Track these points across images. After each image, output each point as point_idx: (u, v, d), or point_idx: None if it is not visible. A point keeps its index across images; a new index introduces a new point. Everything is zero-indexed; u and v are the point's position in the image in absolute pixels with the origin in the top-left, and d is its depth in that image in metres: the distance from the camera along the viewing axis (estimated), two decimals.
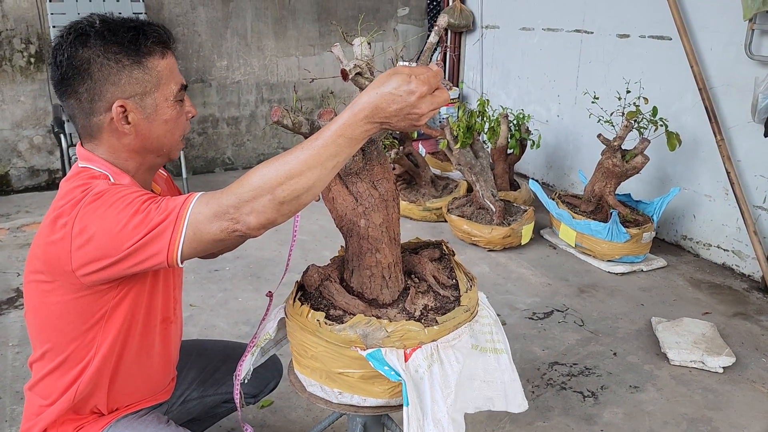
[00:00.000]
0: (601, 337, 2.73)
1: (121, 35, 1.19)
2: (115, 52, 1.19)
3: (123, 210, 1.10)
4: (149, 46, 1.21)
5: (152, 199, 1.13)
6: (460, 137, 3.61)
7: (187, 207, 1.09)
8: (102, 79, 1.19)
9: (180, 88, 1.28)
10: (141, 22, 1.23)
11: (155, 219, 1.09)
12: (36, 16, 4.22)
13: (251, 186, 1.06)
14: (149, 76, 1.22)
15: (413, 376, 1.27)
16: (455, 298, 1.47)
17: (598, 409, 2.26)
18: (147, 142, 1.26)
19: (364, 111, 1.05)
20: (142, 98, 1.22)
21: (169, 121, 1.27)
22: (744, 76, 3.18)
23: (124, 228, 1.09)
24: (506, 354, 1.44)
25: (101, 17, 1.22)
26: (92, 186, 1.18)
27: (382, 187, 1.37)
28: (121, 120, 1.22)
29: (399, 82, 1.05)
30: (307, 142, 1.07)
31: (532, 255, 3.59)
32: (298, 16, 5.08)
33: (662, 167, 3.75)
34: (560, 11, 4.43)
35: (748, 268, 3.35)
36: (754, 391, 2.37)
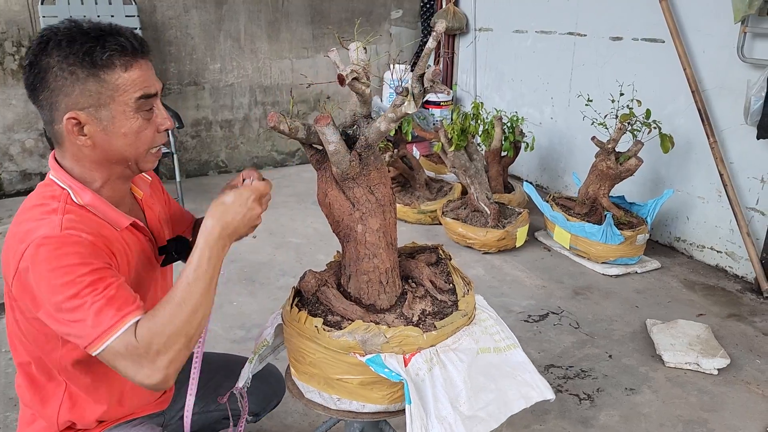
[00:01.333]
0: (597, 339, 2.74)
1: (78, 46, 1.15)
2: (70, 63, 1.15)
3: (63, 285, 1.10)
4: (106, 59, 1.16)
5: (93, 285, 1.11)
6: (454, 140, 3.61)
7: (117, 330, 1.11)
8: (57, 89, 1.17)
9: (142, 96, 1.21)
10: (106, 31, 1.18)
11: (85, 316, 1.10)
12: (27, 19, 4.20)
13: (166, 337, 1.12)
14: (104, 88, 1.17)
15: (414, 378, 1.28)
16: (453, 303, 1.47)
17: (595, 412, 2.26)
18: (108, 154, 1.23)
19: (216, 231, 1.22)
20: (96, 110, 1.18)
21: (128, 134, 1.22)
22: (736, 78, 3.20)
23: (57, 308, 1.11)
24: (518, 347, 1.44)
25: (69, 24, 1.18)
26: (44, 218, 1.16)
27: (379, 192, 1.37)
28: (74, 132, 1.19)
29: (233, 196, 1.27)
30: (190, 278, 1.17)
31: (526, 257, 3.59)
32: (291, 18, 5.08)
33: (656, 169, 3.77)
34: (553, 14, 4.44)
35: (741, 269, 3.36)
36: (749, 393, 2.38)
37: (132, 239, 1.32)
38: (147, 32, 4.49)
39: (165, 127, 1.28)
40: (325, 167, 1.36)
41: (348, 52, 1.28)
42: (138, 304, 1.16)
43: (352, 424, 1.51)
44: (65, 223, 1.16)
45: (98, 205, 1.25)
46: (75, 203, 1.22)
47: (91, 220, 1.22)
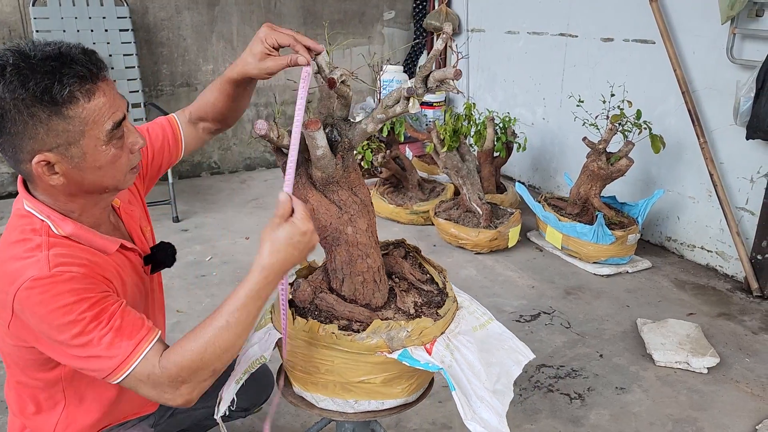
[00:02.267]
0: (588, 339, 2.75)
1: (32, 85, 1.05)
2: (27, 105, 1.05)
3: (65, 326, 1.08)
4: (67, 95, 1.07)
5: (96, 319, 1.09)
6: (446, 140, 3.63)
7: (135, 359, 1.10)
8: (17, 133, 1.08)
9: (113, 126, 1.14)
10: (58, 61, 1.07)
11: (99, 351, 1.09)
12: (18, 21, 4.19)
13: (191, 372, 1.11)
14: (71, 125, 1.09)
15: (443, 365, 1.31)
16: (438, 291, 1.51)
17: (585, 411, 2.27)
18: (83, 187, 1.17)
19: (274, 271, 1.13)
20: (66, 148, 1.10)
21: (103, 167, 1.15)
22: (726, 79, 3.22)
23: (66, 347, 1.10)
24: (494, 320, 1.49)
25: (14, 57, 1.06)
26: (29, 255, 1.12)
27: (361, 193, 1.38)
28: (46, 172, 1.12)
29: (289, 231, 1.13)
30: (229, 312, 1.12)
31: (518, 257, 3.61)
32: (284, 20, 5.08)
33: (646, 170, 3.79)
34: (545, 15, 4.46)
35: (731, 268, 3.39)
36: (738, 391, 2.40)
37: (122, 260, 1.29)
38: (139, 33, 4.49)
39: (138, 146, 1.22)
40: (299, 173, 1.32)
41: (327, 53, 1.28)
42: (148, 326, 1.14)
43: (343, 424, 1.52)
44: (53, 260, 1.11)
45: (82, 234, 1.20)
46: (57, 235, 1.17)
47: (78, 250, 1.18)
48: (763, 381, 2.46)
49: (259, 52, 1.25)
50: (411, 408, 1.45)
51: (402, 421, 2.18)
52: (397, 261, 1.58)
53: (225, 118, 1.53)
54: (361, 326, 1.36)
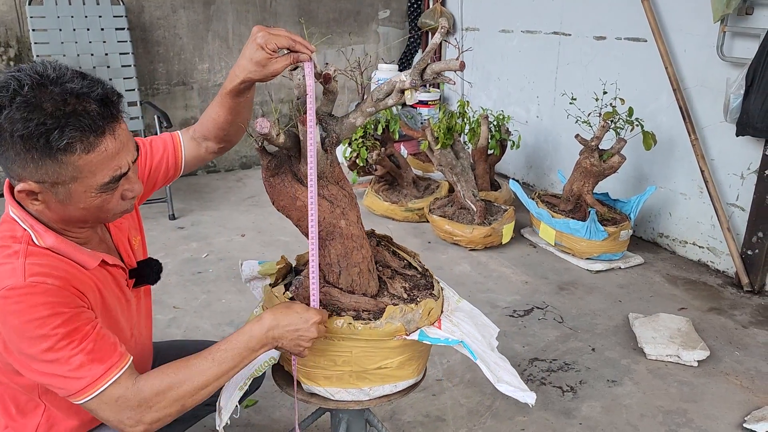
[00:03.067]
0: (580, 333, 2.79)
1: (33, 126, 1.02)
2: (24, 140, 1.03)
3: (36, 339, 1.07)
4: (65, 145, 1.04)
5: (68, 337, 1.08)
6: (440, 138, 3.66)
7: (104, 383, 1.11)
8: (9, 158, 1.07)
9: (110, 181, 1.12)
10: (71, 107, 1.04)
11: (67, 371, 1.09)
12: (15, 20, 4.20)
13: (166, 400, 1.15)
14: (64, 170, 1.07)
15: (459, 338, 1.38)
16: (421, 274, 1.58)
17: (577, 403, 2.31)
18: (63, 218, 1.16)
19: (270, 327, 1.23)
20: (53, 186, 1.09)
21: (88, 209, 1.14)
22: (716, 77, 3.26)
23: (33, 360, 1.09)
24: (463, 299, 1.58)
25: (32, 85, 1.04)
26: (5, 262, 1.10)
27: (347, 187, 1.42)
28: (27, 198, 1.11)
29: (301, 308, 1.27)
30: (218, 353, 1.20)
31: (512, 254, 3.64)
32: (279, 18, 5.10)
33: (639, 166, 3.83)
34: (538, 14, 4.49)
35: (722, 264, 3.43)
36: (728, 384, 2.44)
37: (102, 274, 1.27)
38: (135, 32, 4.50)
39: (131, 195, 1.20)
40: (284, 171, 1.33)
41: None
42: (120, 351, 1.15)
43: (338, 414, 1.55)
44: (29, 269, 1.09)
45: (63, 248, 1.17)
46: (37, 245, 1.14)
47: (56, 261, 1.15)
48: (752, 373, 2.50)
49: (262, 58, 1.26)
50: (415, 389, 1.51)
51: (396, 413, 2.21)
52: (379, 250, 1.61)
53: (227, 134, 1.53)
54: (369, 315, 1.39)
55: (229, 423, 1.41)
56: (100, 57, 4.16)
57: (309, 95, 1.23)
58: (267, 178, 1.34)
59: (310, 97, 1.23)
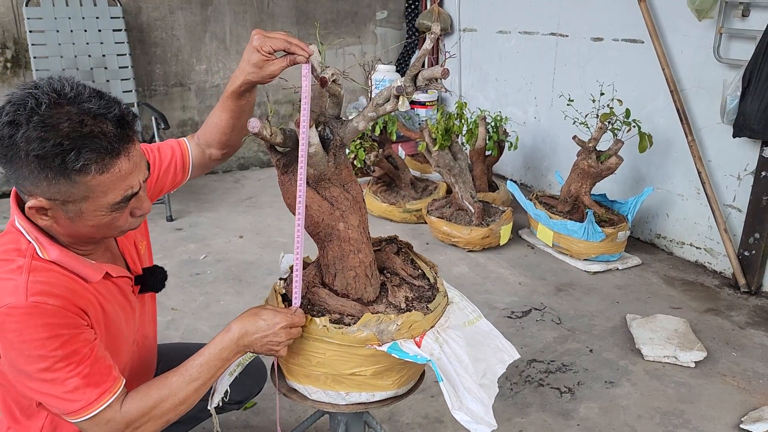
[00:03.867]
0: (578, 334, 2.79)
1: (49, 147, 1.03)
2: (39, 159, 1.04)
3: (34, 359, 1.09)
4: (80, 167, 1.06)
5: (66, 359, 1.11)
6: (438, 139, 3.66)
7: (98, 407, 1.15)
8: (22, 175, 1.08)
9: (121, 200, 1.13)
10: (87, 128, 1.05)
11: (62, 392, 1.12)
12: (12, 21, 4.19)
13: (150, 419, 1.21)
14: (76, 190, 1.08)
15: (432, 357, 1.35)
16: (429, 286, 1.54)
17: (575, 405, 2.31)
18: (72, 234, 1.18)
19: (239, 336, 1.28)
20: (64, 203, 1.10)
21: (96, 226, 1.16)
22: (713, 78, 3.27)
23: (30, 379, 1.12)
24: (483, 317, 1.53)
25: (48, 103, 1.05)
26: (8, 278, 1.10)
27: (353, 190, 1.41)
28: (37, 214, 1.12)
29: (268, 314, 1.30)
30: (190, 368, 1.25)
31: (510, 255, 3.65)
32: (277, 19, 5.10)
33: (636, 167, 3.84)
34: (536, 15, 4.50)
35: (719, 265, 3.44)
36: (725, 384, 2.45)
37: (104, 286, 1.27)
38: (132, 33, 4.50)
39: (140, 213, 1.22)
40: (292, 170, 1.34)
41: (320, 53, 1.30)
42: (114, 375, 1.18)
43: (336, 416, 1.55)
44: (31, 288, 1.09)
45: (66, 260, 1.18)
46: (41, 259, 1.15)
47: (58, 277, 1.15)
48: (749, 374, 2.51)
49: (258, 60, 1.29)
50: (401, 401, 1.48)
51: (395, 415, 2.22)
52: (390, 257, 1.61)
53: (229, 139, 1.56)
54: (352, 320, 1.39)
55: (220, 404, 1.46)
56: (97, 58, 4.16)
57: (304, 97, 1.25)
58: (278, 175, 1.37)
59: (304, 99, 1.24)
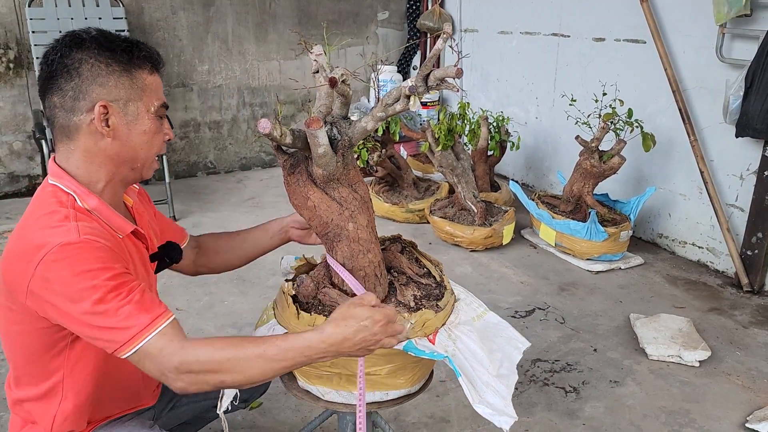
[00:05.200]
0: (582, 333, 2.80)
1: (116, 44, 1.26)
2: (107, 56, 1.23)
3: (87, 290, 1.11)
4: (140, 60, 1.28)
5: (117, 289, 1.13)
6: (441, 140, 3.66)
7: (150, 332, 1.13)
8: (90, 78, 1.22)
9: (162, 105, 1.33)
10: (133, 43, 1.29)
11: (115, 321, 1.12)
12: (14, 21, 4.19)
13: (209, 368, 1.12)
14: (136, 85, 1.27)
15: (447, 353, 1.36)
16: (436, 284, 1.56)
17: (580, 404, 2.32)
18: (123, 150, 1.28)
19: (332, 342, 1.13)
20: (125, 104, 1.26)
21: (147, 133, 1.30)
22: (715, 78, 3.28)
23: (84, 313, 1.12)
24: (489, 311, 1.55)
25: (97, 32, 1.27)
26: (58, 225, 1.17)
27: (361, 190, 1.41)
28: (102, 121, 1.23)
29: (364, 313, 1.15)
30: (271, 345, 1.13)
31: (513, 255, 3.65)
32: (278, 20, 5.11)
33: (638, 167, 3.84)
34: (537, 15, 4.51)
35: (722, 264, 3.44)
36: (729, 384, 2.45)
37: (132, 247, 1.35)
38: (135, 34, 4.50)
39: (169, 137, 1.37)
40: (299, 171, 1.35)
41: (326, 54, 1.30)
42: (164, 306, 1.18)
43: (344, 417, 1.55)
44: (82, 229, 1.17)
45: (103, 210, 1.27)
46: (81, 208, 1.23)
47: (99, 227, 1.24)
48: (753, 373, 2.52)
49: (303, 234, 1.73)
50: (413, 399, 1.49)
51: (401, 415, 2.22)
52: (395, 256, 1.62)
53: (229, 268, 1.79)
54: None
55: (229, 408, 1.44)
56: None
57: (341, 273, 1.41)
58: (285, 176, 1.38)
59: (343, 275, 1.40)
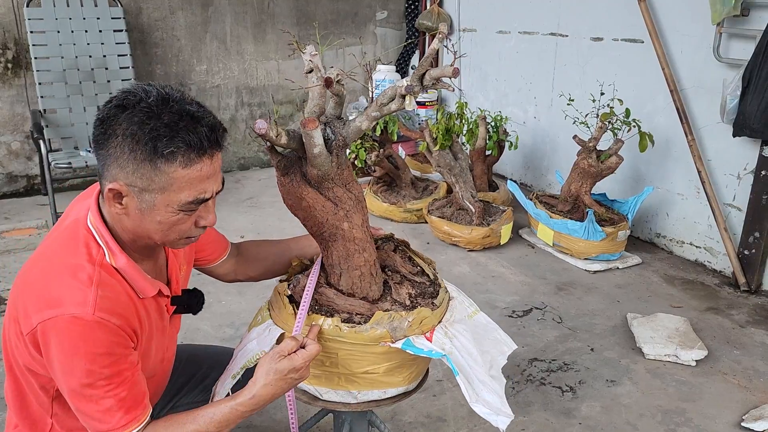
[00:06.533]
0: (579, 333, 2.80)
1: (147, 129, 1.12)
2: (135, 141, 1.12)
3: (81, 371, 1.14)
4: (168, 153, 1.12)
5: (109, 379, 1.16)
6: (439, 139, 3.67)
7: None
8: (113, 155, 1.15)
9: (193, 201, 1.18)
10: (184, 120, 1.13)
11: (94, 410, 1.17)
12: (13, 22, 4.20)
13: None
14: (158, 178, 1.14)
15: (445, 351, 1.36)
16: (431, 282, 1.56)
17: (577, 403, 2.32)
18: (137, 229, 1.22)
19: (263, 401, 1.26)
20: (140, 192, 1.16)
21: (163, 223, 1.20)
22: (713, 78, 3.28)
23: (70, 389, 1.16)
24: (480, 311, 1.55)
25: (156, 98, 1.14)
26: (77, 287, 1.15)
27: (355, 189, 1.42)
28: (113, 199, 1.18)
29: (286, 366, 1.25)
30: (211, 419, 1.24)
31: (511, 254, 3.66)
32: (277, 20, 5.11)
33: (636, 167, 3.84)
34: (536, 15, 4.51)
35: (719, 264, 3.45)
36: (726, 383, 2.45)
37: (152, 304, 1.32)
38: (133, 34, 4.50)
39: (203, 223, 1.25)
40: (293, 171, 1.35)
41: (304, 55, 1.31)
42: (144, 404, 1.22)
43: (340, 415, 1.56)
44: (99, 303, 1.14)
45: (130, 271, 1.24)
46: (108, 265, 1.21)
47: (121, 291, 1.22)
48: (749, 373, 2.52)
49: None
50: (409, 397, 1.50)
51: (398, 414, 2.22)
52: (389, 255, 1.62)
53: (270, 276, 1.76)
54: (362, 318, 1.40)
55: None
56: (98, 59, 4.16)
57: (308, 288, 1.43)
58: (278, 177, 1.38)
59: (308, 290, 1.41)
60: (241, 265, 1.71)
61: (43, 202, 4.26)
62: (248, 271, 1.72)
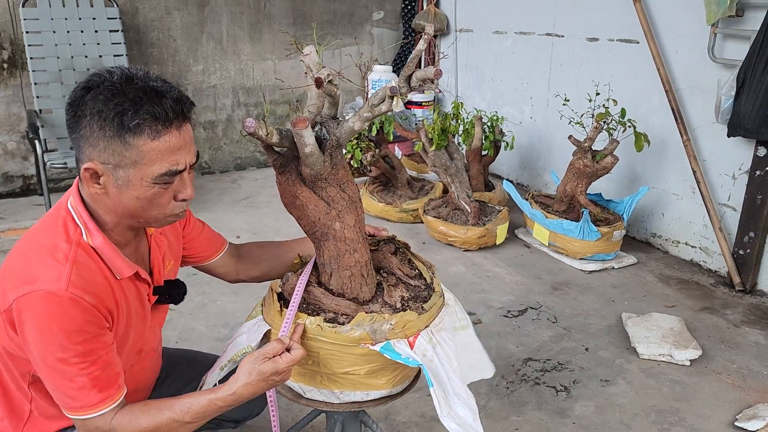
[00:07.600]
0: (574, 333, 2.81)
1: (112, 105, 1.14)
2: (102, 118, 1.14)
3: (55, 347, 1.15)
4: (134, 126, 1.14)
5: (83, 356, 1.17)
6: (435, 139, 3.67)
7: (93, 412, 1.20)
8: (84, 136, 1.17)
9: (166, 173, 1.19)
10: (148, 95, 1.15)
11: (68, 387, 1.18)
12: (8, 22, 4.19)
13: None
14: (128, 152, 1.16)
15: (424, 359, 1.35)
16: (426, 286, 1.55)
17: (571, 403, 2.32)
18: (118, 207, 1.23)
19: (242, 398, 1.26)
20: (115, 168, 1.18)
21: (141, 199, 1.21)
22: (708, 78, 3.29)
23: (46, 364, 1.17)
24: (470, 328, 1.54)
25: (119, 77, 1.16)
26: (53, 265, 1.17)
27: (349, 190, 1.42)
28: (90, 179, 1.20)
29: (270, 368, 1.25)
30: (186, 410, 1.24)
31: (506, 254, 3.66)
32: (273, 20, 5.11)
33: (632, 167, 3.85)
34: (532, 15, 4.52)
35: (714, 263, 3.45)
36: (720, 383, 2.46)
37: (130, 286, 1.32)
38: (129, 34, 4.50)
39: (182, 197, 1.26)
40: (289, 170, 1.36)
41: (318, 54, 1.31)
42: (118, 384, 1.23)
43: (332, 415, 1.56)
44: (72, 280, 1.16)
45: (105, 250, 1.25)
46: (85, 244, 1.23)
47: (96, 270, 1.23)
48: (743, 372, 2.53)
49: None
50: (396, 399, 1.48)
51: (391, 414, 2.23)
52: (386, 256, 1.62)
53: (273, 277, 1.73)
54: (347, 319, 1.39)
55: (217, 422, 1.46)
56: (94, 59, 4.16)
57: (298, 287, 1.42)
58: (276, 176, 1.39)
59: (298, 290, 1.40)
60: (244, 266, 1.73)
61: (38, 203, 4.25)
62: (250, 271, 1.73)
